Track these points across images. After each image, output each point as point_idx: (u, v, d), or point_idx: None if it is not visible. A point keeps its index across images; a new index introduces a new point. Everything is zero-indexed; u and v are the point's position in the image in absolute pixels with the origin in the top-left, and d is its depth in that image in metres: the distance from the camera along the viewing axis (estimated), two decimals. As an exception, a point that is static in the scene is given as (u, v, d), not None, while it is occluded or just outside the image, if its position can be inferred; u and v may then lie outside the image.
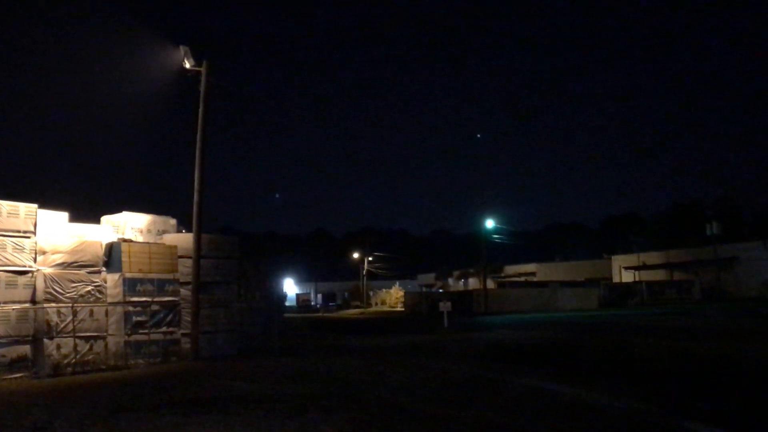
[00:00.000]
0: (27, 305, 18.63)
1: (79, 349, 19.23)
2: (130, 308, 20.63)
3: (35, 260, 19.03)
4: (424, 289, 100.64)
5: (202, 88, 22.61)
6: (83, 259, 20.03)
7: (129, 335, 20.44)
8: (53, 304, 19.01)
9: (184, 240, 22.89)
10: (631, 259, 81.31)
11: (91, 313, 19.76)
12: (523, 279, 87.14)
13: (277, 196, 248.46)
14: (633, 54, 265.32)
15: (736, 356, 19.18)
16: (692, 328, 30.27)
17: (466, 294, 69.57)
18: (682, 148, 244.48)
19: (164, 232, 23.85)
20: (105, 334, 20.01)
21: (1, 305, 18.10)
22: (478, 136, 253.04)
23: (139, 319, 20.77)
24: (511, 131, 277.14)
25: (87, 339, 19.52)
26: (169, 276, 21.84)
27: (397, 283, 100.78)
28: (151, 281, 21.24)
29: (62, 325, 19.04)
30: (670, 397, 12.99)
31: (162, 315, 21.36)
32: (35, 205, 19.33)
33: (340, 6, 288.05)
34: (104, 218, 23.11)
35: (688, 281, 69.04)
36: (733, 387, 14.27)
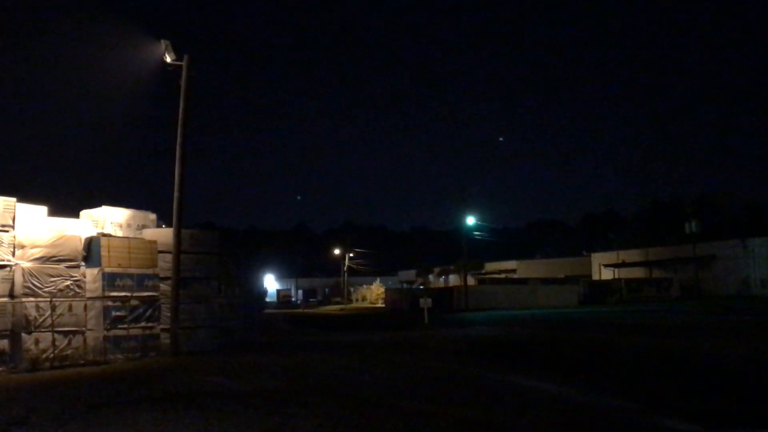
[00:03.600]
0: (5, 299, 18.45)
1: (57, 343, 19.09)
2: (110, 303, 20.50)
3: (14, 254, 18.86)
4: (404, 286, 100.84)
5: (183, 83, 22.49)
6: (62, 253, 19.87)
7: (108, 330, 20.32)
8: (32, 299, 18.85)
9: (164, 235, 22.78)
10: (611, 256, 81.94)
11: (70, 307, 19.62)
12: (503, 276, 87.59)
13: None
14: (613, 54, 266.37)
15: (714, 353, 19.36)
16: (671, 325, 30.53)
17: (447, 291, 69.80)
18: (662, 146, 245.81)
19: (144, 226, 23.73)
20: (84, 329, 19.87)
21: (-21, 299, 17.96)
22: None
23: (118, 314, 20.64)
24: (493, 128, 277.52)
25: (66, 334, 19.37)
26: (149, 271, 21.73)
27: (378, 279, 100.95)
28: (130, 276, 21.12)
29: (41, 320, 18.89)
30: (649, 394, 13.08)
31: (141, 310, 21.25)
32: (14, 199, 19.16)
33: (326, 2, 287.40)
34: (83, 212, 22.96)
35: (667, 279, 69.64)
36: (711, 384, 14.40)
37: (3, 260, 18.56)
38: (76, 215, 22.79)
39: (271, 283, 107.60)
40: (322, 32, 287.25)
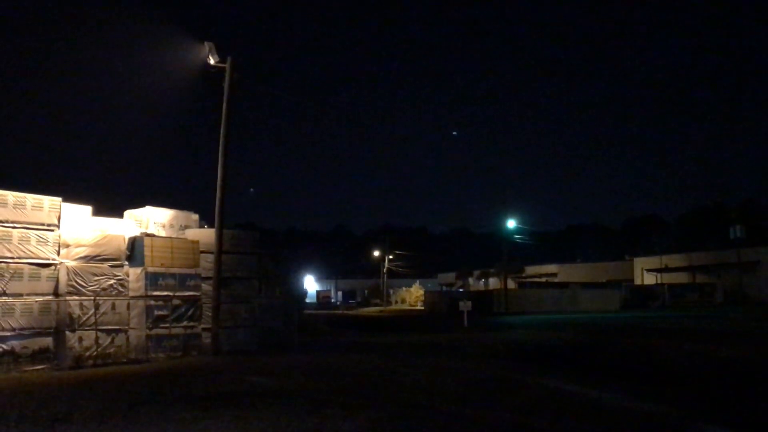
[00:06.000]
0: (50, 298, 18.76)
1: (100, 342, 19.35)
2: (152, 302, 20.74)
3: (58, 253, 19.16)
4: (444, 288, 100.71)
5: (225, 85, 22.65)
6: (106, 252, 20.14)
7: (150, 329, 20.56)
8: (75, 297, 19.13)
9: (206, 235, 22.98)
10: (653, 261, 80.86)
11: (113, 306, 19.87)
12: (544, 280, 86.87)
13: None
14: (657, 54, 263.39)
15: (758, 361, 19.02)
16: (714, 331, 30.06)
17: (487, 294, 69.47)
18: (706, 149, 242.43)
19: (186, 227, 23.95)
20: (126, 327, 20.11)
21: (24, 297, 18.25)
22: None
23: (160, 313, 20.87)
24: (533, 131, 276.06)
25: (108, 332, 19.62)
26: (191, 271, 21.94)
27: (417, 281, 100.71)
28: (172, 276, 21.34)
29: (84, 318, 19.16)
30: (692, 401, 12.89)
31: (183, 309, 21.46)
32: (59, 199, 19.47)
33: (361, 3, 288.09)
34: (127, 212, 23.22)
35: (711, 284, 68.57)
36: (755, 392, 14.15)
37: (48, 259, 18.87)
38: (120, 215, 23.05)
39: (310, 284, 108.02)
40: (363, 35, 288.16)
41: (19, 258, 18.35)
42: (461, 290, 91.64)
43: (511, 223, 68.73)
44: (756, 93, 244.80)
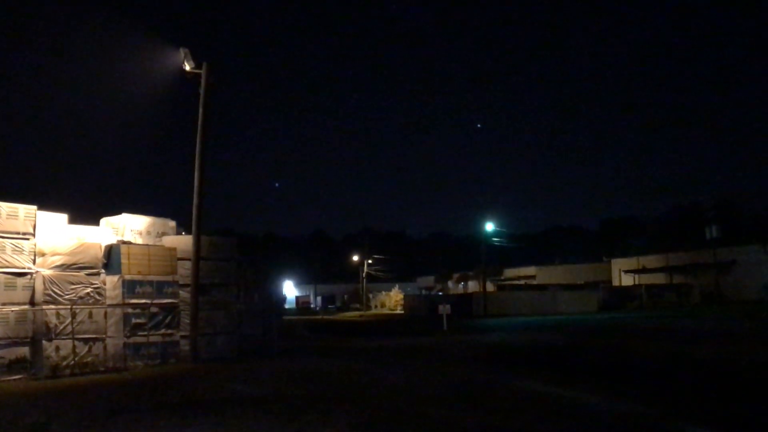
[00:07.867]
0: (26, 307, 18.61)
1: (77, 350, 19.21)
2: (129, 310, 20.62)
3: (34, 262, 19.02)
4: (423, 292, 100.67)
5: (201, 91, 22.59)
6: (82, 260, 20.01)
7: (128, 337, 20.43)
8: (52, 306, 18.99)
9: (183, 242, 22.88)
10: (631, 262, 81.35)
11: (90, 315, 19.74)
12: (522, 282, 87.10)
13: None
14: (630, 56, 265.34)
15: (735, 360, 19.20)
16: (691, 331, 30.30)
17: (466, 297, 69.63)
18: (682, 150, 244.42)
19: (163, 234, 23.82)
20: (104, 336, 19.99)
21: (0, 307, 18.10)
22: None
23: (138, 321, 20.75)
24: (510, 134, 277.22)
25: (86, 341, 19.49)
26: (169, 278, 21.84)
27: (397, 285, 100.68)
28: (150, 283, 21.23)
29: (61, 327, 19.02)
30: (670, 400, 12.98)
31: (161, 317, 21.35)
32: (34, 207, 19.32)
33: (339, 7, 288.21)
34: (103, 220, 23.09)
35: (687, 285, 69.04)
36: (732, 390, 14.27)
37: (24, 268, 18.72)
38: (96, 223, 22.91)
39: (289, 290, 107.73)
40: (339, 36, 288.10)
41: (-6, 267, 18.20)
42: (440, 293, 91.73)
43: (490, 226, 68.95)
44: (731, 93, 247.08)
